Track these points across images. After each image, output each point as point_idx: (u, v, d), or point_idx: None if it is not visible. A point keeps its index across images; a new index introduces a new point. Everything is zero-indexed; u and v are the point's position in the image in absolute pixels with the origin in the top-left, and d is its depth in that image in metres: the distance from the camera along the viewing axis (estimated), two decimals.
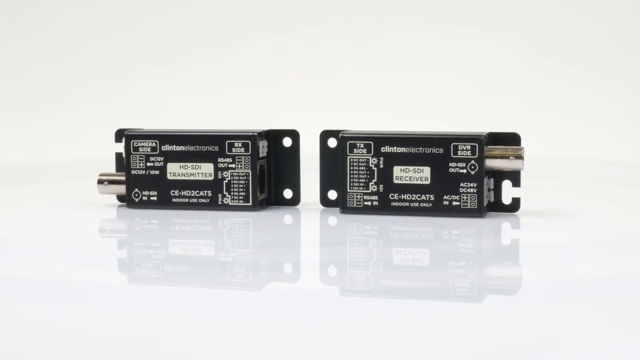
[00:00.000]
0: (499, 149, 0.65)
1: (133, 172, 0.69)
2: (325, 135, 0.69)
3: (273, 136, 0.70)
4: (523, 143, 0.65)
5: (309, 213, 0.69)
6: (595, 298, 0.46)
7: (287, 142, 0.70)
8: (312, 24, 1.24)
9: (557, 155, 1.00)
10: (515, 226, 0.64)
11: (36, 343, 0.40)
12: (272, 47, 1.22)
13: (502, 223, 0.65)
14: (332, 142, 0.69)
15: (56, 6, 1.28)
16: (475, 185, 0.65)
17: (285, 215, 0.69)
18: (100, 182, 0.71)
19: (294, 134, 0.70)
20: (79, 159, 1.06)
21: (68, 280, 0.51)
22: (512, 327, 0.41)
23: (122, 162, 0.71)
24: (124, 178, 0.70)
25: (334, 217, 0.67)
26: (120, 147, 0.72)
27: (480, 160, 0.64)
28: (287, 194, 0.70)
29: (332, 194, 0.69)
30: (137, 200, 0.69)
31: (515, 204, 0.67)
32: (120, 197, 0.72)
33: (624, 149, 1.04)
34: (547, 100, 1.12)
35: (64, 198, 0.78)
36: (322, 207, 0.70)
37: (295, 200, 0.70)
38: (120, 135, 0.72)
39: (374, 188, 0.66)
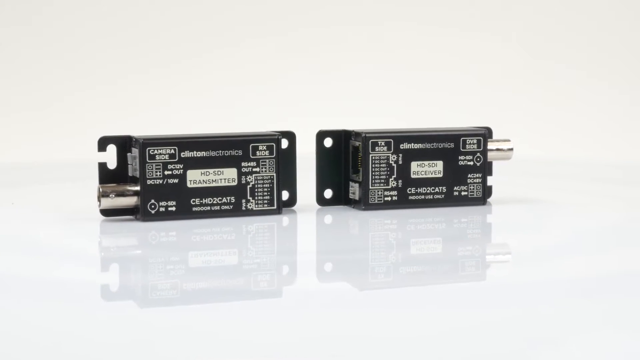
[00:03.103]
0: (493, 142, 0.72)
1: (149, 182, 0.64)
2: (321, 135, 0.70)
3: None
4: (522, 143, 0.72)
5: (319, 213, 0.69)
6: (589, 296, 0.47)
7: (283, 143, 0.69)
8: (311, 24, 1.21)
9: (556, 156, 1.03)
10: (509, 222, 0.69)
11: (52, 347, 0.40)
12: (272, 48, 1.19)
13: (500, 217, 0.70)
14: (328, 142, 0.70)
15: (56, 8, 1.21)
16: (480, 176, 0.71)
17: (305, 217, 0.68)
18: (105, 195, 0.64)
19: (290, 136, 0.69)
20: (79, 160, 0.92)
21: (80, 284, 0.50)
22: (506, 326, 0.42)
23: (106, 173, 0.65)
24: (131, 189, 0.64)
25: (348, 216, 0.69)
26: (103, 157, 0.66)
27: (484, 153, 0.71)
28: (284, 195, 0.69)
29: (328, 193, 0.71)
30: (153, 212, 0.64)
31: (488, 191, 0.74)
32: (107, 212, 0.66)
33: (624, 150, 1.09)
34: (546, 101, 1.15)
35: (70, 203, 0.73)
36: (319, 207, 0.71)
37: (292, 202, 0.70)
38: (103, 143, 0.65)
39: (393, 184, 0.69)
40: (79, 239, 0.63)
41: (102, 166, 0.65)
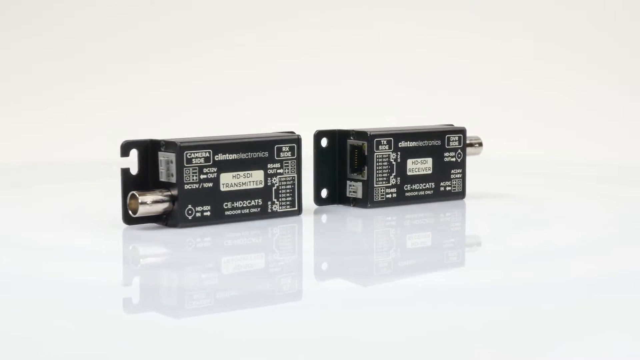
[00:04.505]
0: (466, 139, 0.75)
1: (186, 186, 0.62)
2: (319, 135, 0.70)
3: None
4: (521, 143, 0.76)
5: (324, 213, 0.70)
6: (590, 296, 0.47)
7: None
8: (310, 24, 1.17)
9: (555, 156, 1.00)
10: (506, 223, 0.70)
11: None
12: (273, 48, 1.14)
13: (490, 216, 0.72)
14: (323, 142, 0.71)
15: (56, 9, 1.18)
16: (460, 171, 0.74)
17: (314, 217, 0.68)
18: (143, 203, 0.61)
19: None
20: (79, 160, 0.81)
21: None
22: (506, 328, 0.42)
23: (129, 179, 0.62)
24: (168, 194, 0.62)
25: (357, 214, 0.70)
26: (126, 162, 0.62)
27: (464, 149, 0.74)
28: None
29: (324, 192, 0.71)
30: (190, 217, 0.62)
31: None
32: (134, 219, 0.62)
33: (623, 151, 1.07)
34: (546, 101, 1.11)
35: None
36: (316, 206, 0.71)
37: None
38: (126, 148, 0.62)
39: (393, 181, 0.71)
40: (113, 243, 0.61)
41: (125, 172, 0.62)
